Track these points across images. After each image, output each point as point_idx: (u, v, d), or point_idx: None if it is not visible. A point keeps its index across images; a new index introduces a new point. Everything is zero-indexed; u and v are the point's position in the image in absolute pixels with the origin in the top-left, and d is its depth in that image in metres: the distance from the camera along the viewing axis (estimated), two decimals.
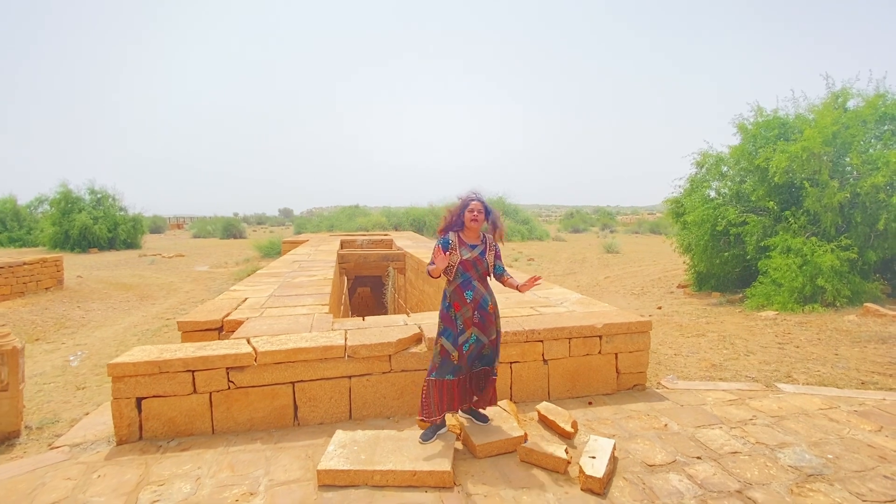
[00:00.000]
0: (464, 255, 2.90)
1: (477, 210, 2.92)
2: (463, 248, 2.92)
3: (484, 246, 2.97)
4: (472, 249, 2.93)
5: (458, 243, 2.93)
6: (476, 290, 2.89)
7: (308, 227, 34.76)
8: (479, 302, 2.89)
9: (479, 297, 2.90)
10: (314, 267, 7.78)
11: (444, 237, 2.95)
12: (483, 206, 2.95)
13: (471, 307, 2.88)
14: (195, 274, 14.29)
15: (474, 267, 2.91)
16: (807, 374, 4.46)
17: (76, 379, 4.84)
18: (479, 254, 2.93)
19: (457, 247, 2.91)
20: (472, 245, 2.95)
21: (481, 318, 2.90)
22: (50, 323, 7.57)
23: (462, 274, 2.90)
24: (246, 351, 3.19)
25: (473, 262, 2.91)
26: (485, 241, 2.99)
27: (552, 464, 2.75)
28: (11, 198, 27.36)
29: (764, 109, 9.55)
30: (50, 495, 2.54)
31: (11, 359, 3.33)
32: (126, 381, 3.02)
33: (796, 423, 3.34)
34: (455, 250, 2.90)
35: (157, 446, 3.02)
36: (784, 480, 2.64)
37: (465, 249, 2.92)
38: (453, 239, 2.93)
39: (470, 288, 2.89)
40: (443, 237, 2.96)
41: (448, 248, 2.90)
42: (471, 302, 2.88)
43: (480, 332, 2.91)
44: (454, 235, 2.95)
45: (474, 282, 2.91)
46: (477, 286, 2.91)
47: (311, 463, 2.81)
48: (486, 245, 2.99)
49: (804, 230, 8.10)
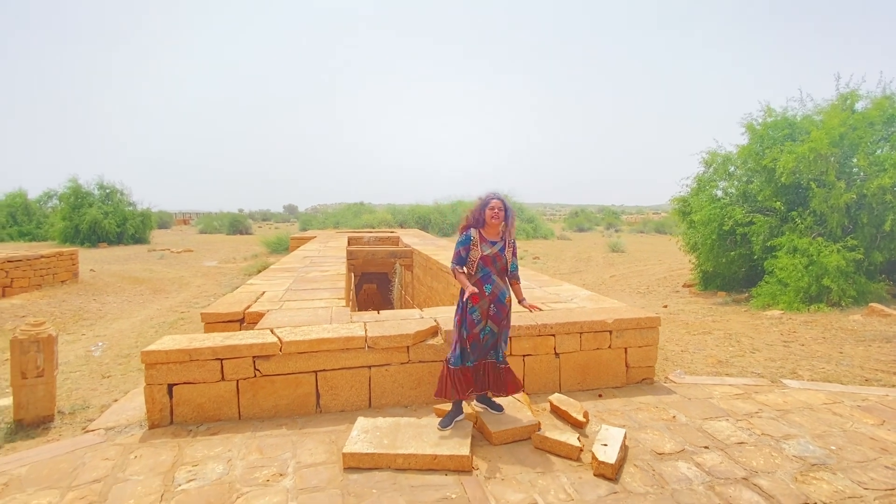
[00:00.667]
0: (484, 251, 3.05)
1: (497, 208, 3.06)
2: (483, 244, 3.06)
3: (503, 243, 3.12)
4: (493, 246, 3.08)
5: (479, 240, 3.07)
6: (495, 285, 3.05)
7: (313, 223, 34.96)
8: (496, 296, 3.05)
9: (497, 291, 3.06)
10: (325, 263, 7.93)
11: (466, 233, 3.10)
12: (503, 204, 3.10)
13: (488, 300, 3.03)
14: (204, 269, 14.49)
15: (493, 262, 3.06)
16: (812, 370, 4.56)
17: (100, 368, 5.00)
18: (498, 250, 3.08)
19: (478, 243, 3.06)
20: (493, 241, 3.09)
21: (497, 311, 3.06)
22: (68, 315, 7.75)
23: (482, 269, 3.06)
24: (271, 340, 3.33)
25: (493, 258, 3.06)
26: (504, 239, 3.13)
27: (566, 451, 2.88)
28: (21, 192, 27.65)
29: (774, 109, 9.61)
30: (91, 473, 2.69)
31: (47, 346, 3.48)
32: (158, 368, 3.17)
33: (801, 416, 3.45)
34: (476, 246, 3.05)
35: (188, 430, 3.16)
36: (789, 469, 2.76)
37: (486, 245, 3.06)
38: (475, 235, 3.08)
39: (489, 282, 3.05)
40: (465, 234, 3.10)
41: (469, 244, 3.06)
42: (489, 295, 3.03)
43: (494, 325, 3.07)
44: (475, 232, 3.09)
45: (493, 276, 3.06)
46: (496, 281, 3.06)
47: (336, 447, 2.95)
48: (506, 242, 3.13)
49: (810, 230, 8.17)
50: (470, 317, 3.03)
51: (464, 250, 3.09)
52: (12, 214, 26.34)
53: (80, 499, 2.46)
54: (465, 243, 3.08)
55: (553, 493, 2.52)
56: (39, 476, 2.68)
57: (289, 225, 46.50)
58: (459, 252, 3.10)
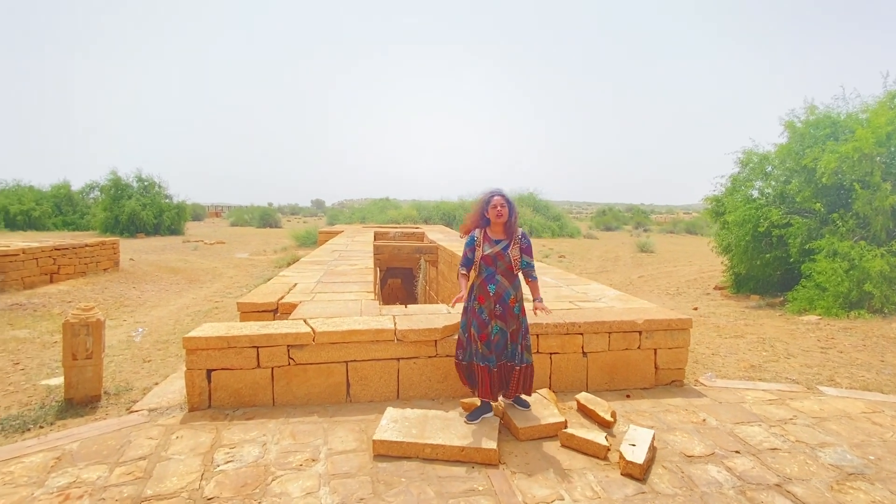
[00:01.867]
0: (485, 251, 3.01)
1: (500, 205, 3.01)
2: (486, 243, 3.03)
3: (509, 241, 3.04)
4: (496, 245, 3.02)
5: (482, 239, 3.04)
6: (499, 284, 3.01)
7: (340, 218, 35.48)
8: (501, 295, 3.01)
9: (501, 291, 3.01)
10: (353, 256, 8.07)
11: (471, 235, 3.09)
12: (505, 200, 3.04)
13: (493, 300, 3.01)
14: (236, 260, 14.91)
15: (495, 262, 3.00)
16: (850, 378, 4.41)
17: (141, 353, 5.24)
18: (501, 249, 3.01)
19: (480, 243, 3.04)
20: (497, 240, 3.04)
21: (503, 310, 3.02)
22: (111, 301, 8.12)
23: (485, 269, 3.03)
24: (305, 331, 3.44)
25: (494, 258, 3.00)
26: (510, 237, 3.05)
27: (593, 449, 2.88)
28: (65, 184, 29.00)
29: (816, 107, 9.24)
30: (137, 451, 2.84)
31: (96, 330, 3.68)
32: (198, 354, 3.31)
33: (838, 424, 3.35)
34: (479, 246, 3.03)
35: (225, 414, 3.30)
36: (824, 477, 2.69)
37: (488, 245, 3.02)
38: (478, 236, 3.06)
39: (493, 282, 3.01)
40: (470, 236, 3.09)
41: (474, 245, 3.05)
42: (493, 295, 3.01)
43: (503, 323, 3.03)
44: (479, 232, 3.07)
45: (497, 276, 3.01)
46: (500, 280, 3.01)
47: (366, 436, 3.03)
48: (512, 240, 3.05)
49: (852, 233, 7.85)
50: (480, 317, 3.03)
51: (469, 251, 3.07)
52: (57, 205, 27.67)
53: (127, 474, 2.61)
54: (470, 244, 3.07)
55: (580, 491, 2.53)
56: (89, 451, 2.85)
57: (316, 219, 47.31)
58: (466, 253, 3.09)
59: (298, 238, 19.80)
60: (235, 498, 2.41)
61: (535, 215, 28.36)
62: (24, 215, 25.46)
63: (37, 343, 5.62)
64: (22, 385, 4.23)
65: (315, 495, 2.44)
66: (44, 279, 9.09)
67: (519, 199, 30.38)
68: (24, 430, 3.26)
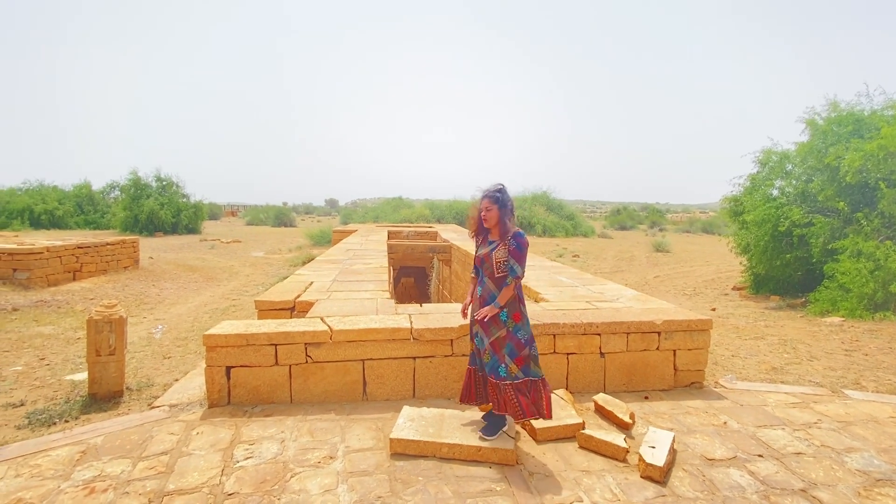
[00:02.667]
0: (478, 252, 2.95)
1: (485, 208, 2.85)
2: (483, 244, 2.93)
3: (500, 242, 2.83)
4: (488, 245, 2.88)
5: (482, 240, 2.96)
6: (485, 288, 2.87)
7: (354, 217, 35.68)
8: (485, 299, 2.85)
9: (486, 295, 2.86)
10: (368, 255, 8.10)
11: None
12: (491, 200, 2.83)
13: (478, 303, 2.89)
14: (252, 259, 15.09)
15: (483, 263, 2.88)
16: (876, 382, 4.29)
17: (161, 349, 5.33)
18: (489, 250, 2.84)
19: (477, 245, 2.99)
20: (491, 241, 2.88)
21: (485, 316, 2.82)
22: (131, 299, 8.28)
23: (477, 270, 2.96)
24: (322, 329, 3.46)
25: (482, 259, 2.88)
26: (504, 239, 2.83)
27: (611, 451, 2.85)
28: (87, 184, 29.66)
29: (839, 104, 9.02)
30: (159, 446, 2.89)
31: (118, 327, 3.75)
32: (218, 351, 3.35)
33: (864, 429, 3.27)
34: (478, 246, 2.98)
35: (244, 411, 3.34)
36: (851, 483, 2.63)
37: (483, 246, 2.93)
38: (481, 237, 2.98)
39: (481, 284, 2.91)
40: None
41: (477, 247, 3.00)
42: (478, 298, 2.90)
43: (483, 331, 2.83)
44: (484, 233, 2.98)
45: (485, 279, 2.88)
46: (487, 283, 2.86)
47: (382, 434, 3.03)
48: (501, 242, 2.83)
49: (877, 233, 7.64)
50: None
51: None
52: (79, 204, 28.31)
53: (149, 469, 2.65)
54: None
55: (598, 493, 2.51)
56: (113, 446, 2.90)
57: (330, 218, 47.65)
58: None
59: (313, 237, 19.96)
60: (255, 494, 2.43)
61: (548, 214, 28.18)
62: (48, 214, 26.12)
63: (61, 339, 5.76)
64: (47, 380, 4.34)
65: (333, 493, 2.46)
66: (67, 277, 9.30)
67: (532, 198, 30.21)
68: (50, 423, 3.34)
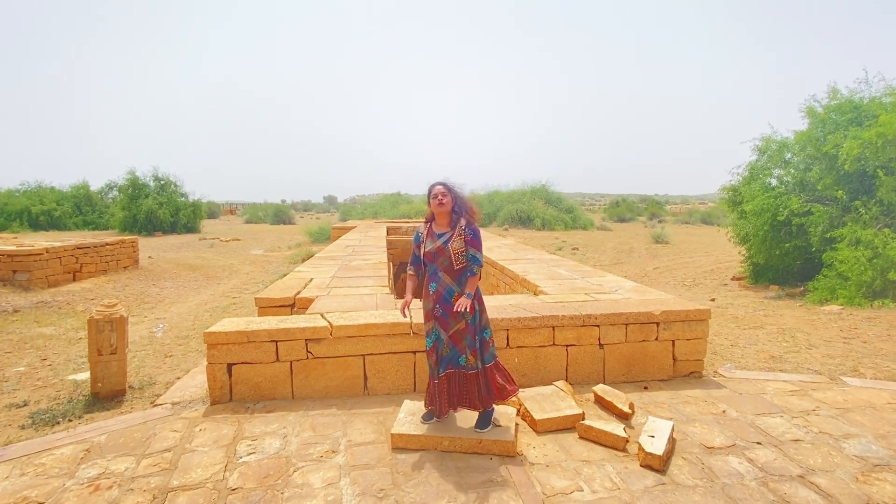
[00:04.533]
0: (426, 248, 2.80)
1: (441, 194, 2.76)
2: (429, 238, 2.81)
3: (451, 233, 2.77)
4: (438, 239, 2.78)
5: (426, 235, 2.84)
6: (440, 282, 2.77)
7: (353, 213, 35.67)
8: (441, 294, 2.76)
9: (442, 290, 2.76)
10: (367, 252, 8.11)
11: (417, 231, 2.90)
12: (446, 188, 2.79)
13: (432, 300, 2.78)
14: (252, 257, 15.10)
15: (436, 257, 2.76)
16: (875, 369, 4.32)
17: (163, 348, 5.35)
18: (442, 243, 2.75)
19: (424, 239, 2.84)
20: (440, 234, 2.79)
21: (443, 311, 2.77)
22: (131, 298, 8.30)
23: (428, 265, 2.82)
24: (322, 325, 3.48)
25: (435, 253, 2.76)
26: (454, 229, 2.77)
27: (611, 441, 2.87)
28: (84, 184, 29.59)
29: (839, 91, 9.00)
30: (162, 443, 2.91)
31: (119, 326, 3.76)
32: (219, 349, 3.37)
33: (862, 415, 3.29)
34: (423, 242, 2.83)
35: (246, 407, 3.36)
36: (849, 469, 2.65)
37: (430, 240, 2.80)
38: (423, 231, 2.87)
39: (434, 280, 2.78)
40: (416, 232, 2.90)
41: (419, 241, 2.85)
42: (433, 294, 2.78)
43: (440, 328, 2.79)
44: (424, 227, 2.88)
45: (439, 273, 2.77)
46: (442, 277, 2.76)
47: (384, 428, 3.06)
48: (454, 232, 2.76)
49: (876, 221, 7.66)
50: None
51: (416, 248, 2.85)
52: (77, 205, 28.27)
53: (153, 465, 2.67)
54: (416, 241, 2.87)
55: (598, 482, 2.53)
56: (116, 444, 2.92)
57: (329, 215, 47.63)
58: (413, 251, 2.87)
59: (312, 234, 19.95)
60: (259, 489, 2.46)
61: (547, 208, 28.15)
62: (46, 215, 26.09)
63: (63, 339, 5.77)
64: (50, 380, 4.36)
65: (336, 486, 2.48)
66: (67, 277, 9.31)
67: (531, 192, 30.16)
68: (53, 423, 3.36)
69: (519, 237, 18.89)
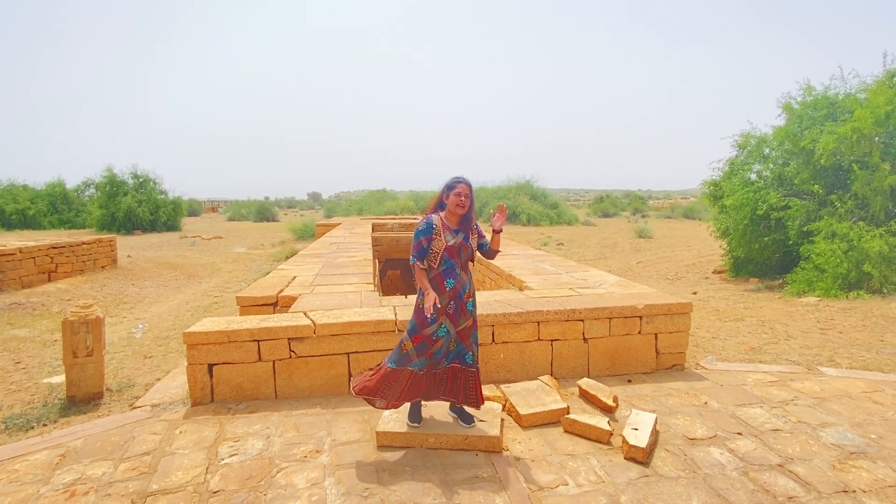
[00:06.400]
0: (448, 241, 2.67)
1: (464, 195, 2.68)
2: (447, 232, 2.69)
3: (467, 230, 2.76)
4: (456, 234, 2.72)
5: (442, 227, 2.69)
6: (458, 279, 2.71)
7: (337, 210, 35.35)
8: (458, 291, 2.72)
9: (459, 287, 2.72)
10: (351, 249, 8.04)
11: (428, 220, 2.69)
12: (469, 190, 2.72)
13: (448, 296, 2.70)
14: (234, 255, 14.87)
15: (459, 254, 2.70)
16: (850, 358, 4.43)
17: (142, 349, 5.23)
18: (462, 239, 2.72)
19: (441, 231, 2.68)
20: (455, 230, 2.73)
21: (456, 307, 2.73)
22: (110, 298, 8.10)
23: (446, 261, 2.69)
24: (305, 323, 3.43)
25: (458, 249, 2.70)
26: (467, 225, 2.76)
27: (595, 434, 2.89)
28: (60, 182, 28.76)
29: (813, 88, 9.19)
30: (141, 447, 2.84)
31: (95, 327, 3.66)
32: (199, 349, 3.30)
33: (839, 404, 3.37)
34: (440, 235, 2.67)
35: (228, 408, 3.30)
36: (826, 457, 2.71)
37: (450, 234, 2.69)
38: (437, 223, 2.69)
39: (452, 276, 2.70)
40: (425, 221, 2.70)
41: (432, 234, 2.67)
42: (449, 290, 2.70)
43: (450, 324, 2.74)
44: (438, 219, 2.71)
45: (457, 269, 2.71)
46: (459, 274, 2.72)
47: (369, 426, 3.03)
48: (469, 229, 2.77)
49: (851, 214, 7.85)
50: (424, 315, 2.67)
51: (426, 240, 2.66)
52: (52, 203, 27.47)
53: (132, 469, 2.61)
54: (426, 232, 2.66)
55: (583, 475, 2.55)
56: (93, 448, 2.85)
57: (313, 212, 47.16)
58: (421, 243, 2.66)
59: (296, 231, 19.72)
60: (241, 490, 2.41)
61: (532, 203, 28.27)
62: (20, 214, 25.30)
63: (37, 342, 5.61)
64: (24, 384, 4.23)
65: (320, 486, 2.45)
66: (42, 278, 9.05)
67: (516, 188, 30.27)
68: (27, 428, 3.26)
69: (504, 232, 18.95)
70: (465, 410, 2.92)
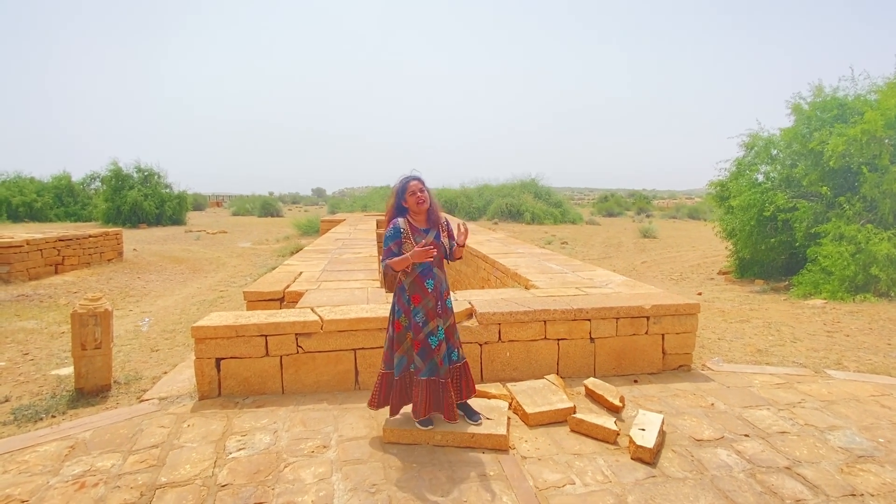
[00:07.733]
0: (418, 243, 2.66)
1: (419, 189, 2.66)
2: (416, 234, 2.68)
3: (437, 229, 2.73)
4: (426, 234, 2.70)
5: (409, 230, 2.67)
6: (437, 279, 2.72)
7: (341, 206, 35.41)
8: (438, 291, 2.73)
9: (439, 286, 2.73)
10: (356, 245, 8.05)
11: (394, 225, 2.66)
12: (423, 185, 2.70)
13: (433, 297, 2.69)
14: (239, 250, 14.92)
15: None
16: (857, 362, 4.41)
17: (149, 342, 5.26)
18: (434, 237, 2.70)
19: (409, 234, 2.65)
20: (425, 230, 2.71)
21: (442, 308, 2.75)
22: (116, 291, 8.15)
23: (420, 264, 2.67)
24: (313, 319, 3.44)
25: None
26: (435, 221, 2.74)
27: (602, 434, 2.89)
28: (66, 175, 28.95)
29: (823, 89, 9.12)
30: (149, 439, 2.86)
31: (104, 320, 3.68)
32: (207, 343, 3.32)
33: (846, 407, 3.36)
34: (409, 238, 2.65)
35: (235, 402, 3.32)
36: (834, 460, 2.70)
37: (419, 236, 2.68)
38: (405, 226, 2.66)
39: (430, 277, 2.69)
40: (392, 226, 2.66)
41: (401, 238, 2.63)
42: (432, 292, 2.69)
43: (442, 322, 2.75)
44: (404, 222, 2.68)
45: (434, 269, 2.71)
46: (437, 274, 2.72)
47: (375, 423, 3.04)
48: (439, 226, 2.75)
49: (859, 217, 7.80)
50: (414, 320, 2.68)
51: (395, 245, 2.63)
52: (59, 196, 27.66)
53: (140, 462, 2.63)
54: (395, 237, 2.63)
55: (590, 475, 2.55)
56: (102, 440, 2.87)
57: (318, 208, 47.23)
58: (390, 248, 2.64)
59: (300, 227, 19.78)
60: (249, 484, 2.43)
61: (536, 202, 28.23)
62: (26, 207, 25.49)
63: (45, 334, 5.65)
64: (32, 375, 4.26)
65: (328, 481, 2.46)
66: (49, 270, 9.11)
67: (521, 186, 30.23)
68: (36, 419, 3.28)
69: (509, 231, 18.94)
70: (471, 407, 2.94)
